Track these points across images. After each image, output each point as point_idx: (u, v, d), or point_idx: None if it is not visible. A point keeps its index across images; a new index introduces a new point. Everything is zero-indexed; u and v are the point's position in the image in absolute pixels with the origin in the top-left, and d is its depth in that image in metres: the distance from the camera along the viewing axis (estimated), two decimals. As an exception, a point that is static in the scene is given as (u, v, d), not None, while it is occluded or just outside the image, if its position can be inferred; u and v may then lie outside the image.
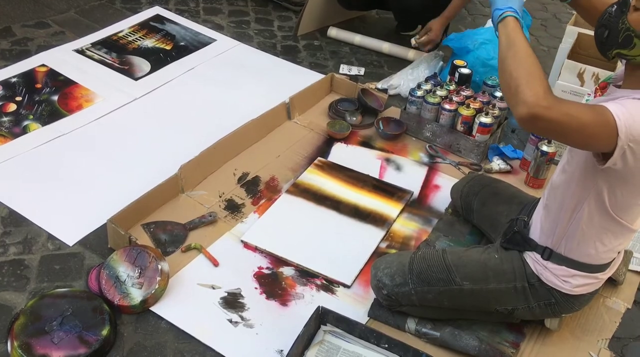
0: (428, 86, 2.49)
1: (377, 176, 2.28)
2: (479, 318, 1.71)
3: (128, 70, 2.76)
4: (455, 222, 2.08)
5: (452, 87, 2.49)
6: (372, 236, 2.01)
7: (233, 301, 1.75)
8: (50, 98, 2.52)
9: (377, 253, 1.95)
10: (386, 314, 1.72)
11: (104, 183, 2.13)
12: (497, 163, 2.37)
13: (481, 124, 2.32)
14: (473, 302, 1.65)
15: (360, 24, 3.37)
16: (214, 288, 1.78)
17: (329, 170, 2.28)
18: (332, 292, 1.82)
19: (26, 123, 2.37)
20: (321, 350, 1.61)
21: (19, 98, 2.50)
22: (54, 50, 2.82)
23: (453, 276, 1.62)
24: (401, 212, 2.12)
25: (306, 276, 1.86)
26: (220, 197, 2.11)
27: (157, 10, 3.27)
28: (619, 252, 1.60)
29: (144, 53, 2.89)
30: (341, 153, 2.40)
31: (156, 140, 2.35)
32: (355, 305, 1.78)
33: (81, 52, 2.84)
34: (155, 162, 2.22)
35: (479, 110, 2.36)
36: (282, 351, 1.62)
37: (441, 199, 2.19)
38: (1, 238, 1.89)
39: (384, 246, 1.99)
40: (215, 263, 1.85)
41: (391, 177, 2.29)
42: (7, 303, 1.70)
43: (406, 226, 2.08)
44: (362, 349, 1.62)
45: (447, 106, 2.37)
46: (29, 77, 2.64)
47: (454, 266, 1.64)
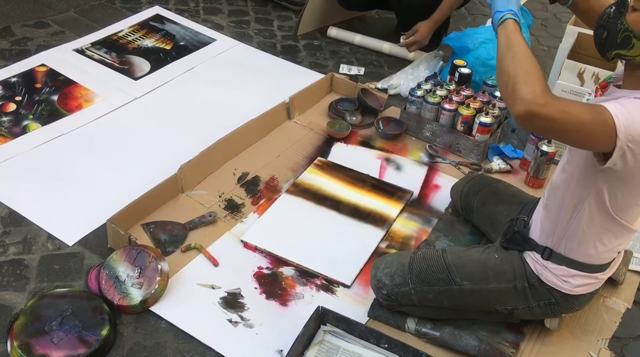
0: (428, 86, 2.49)
1: (377, 176, 2.28)
2: (478, 318, 1.71)
3: (128, 70, 2.75)
4: (455, 222, 2.08)
5: (452, 86, 2.49)
6: (372, 235, 2.01)
7: (233, 301, 1.75)
8: (50, 98, 2.52)
9: (377, 253, 1.94)
10: (386, 314, 1.72)
11: (103, 183, 2.13)
12: (497, 163, 2.36)
13: (481, 123, 2.32)
14: (473, 302, 1.65)
15: (360, 24, 3.37)
16: (213, 288, 1.78)
17: (328, 170, 2.28)
18: (332, 292, 1.82)
19: (26, 123, 2.37)
20: (321, 350, 1.61)
21: (18, 98, 2.50)
22: (53, 50, 2.82)
23: (453, 275, 1.62)
24: (401, 212, 2.12)
25: (306, 276, 1.86)
26: (220, 197, 2.11)
27: (157, 10, 3.27)
28: (619, 252, 1.59)
29: (143, 53, 2.89)
30: (341, 153, 2.40)
31: (156, 140, 2.35)
32: (355, 305, 1.78)
33: (81, 52, 2.84)
34: (155, 162, 2.22)
35: (479, 110, 2.36)
36: (282, 351, 1.62)
37: (441, 199, 2.19)
38: (1, 238, 1.89)
39: (383, 245, 1.99)
40: (215, 263, 1.85)
41: (391, 177, 2.29)
42: (6, 303, 1.70)
43: (406, 226, 2.08)
44: (362, 349, 1.62)
45: (447, 106, 2.37)
46: (28, 76, 2.64)
47: (453, 265, 1.64)
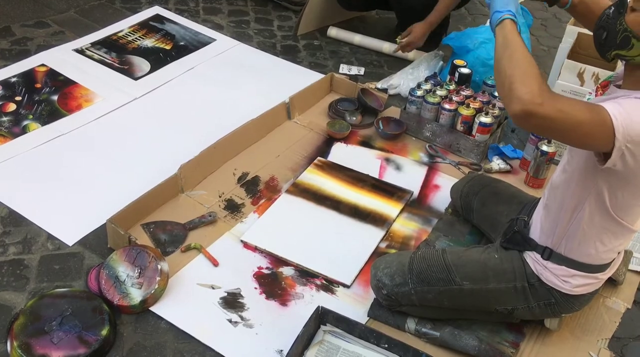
0: (428, 86, 2.49)
1: (376, 176, 2.28)
2: (478, 318, 1.71)
3: (128, 70, 2.75)
4: (455, 222, 2.08)
5: (452, 86, 2.49)
6: (372, 235, 2.01)
7: (233, 301, 1.75)
8: (50, 98, 2.52)
9: (377, 253, 1.94)
10: (386, 314, 1.72)
11: (103, 183, 2.13)
12: (497, 163, 2.36)
13: (481, 123, 2.32)
14: (473, 302, 1.65)
15: (360, 24, 3.36)
16: (213, 288, 1.78)
17: (328, 170, 2.28)
18: (332, 292, 1.82)
19: (26, 123, 2.37)
20: (321, 350, 1.61)
21: (18, 98, 2.50)
22: (53, 50, 2.82)
23: (453, 275, 1.62)
24: (401, 212, 2.12)
25: (306, 275, 1.86)
26: (220, 197, 2.11)
27: (156, 10, 3.27)
28: (619, 253, 1.59)
29: (143, 53, 2.88)
30: (341, 153, 2.40)
31: (156, 140, 2.35)
32: (355, 305, 1.78)
33: (81, 52, 2.84)
34: (155, 162, 2.22)
35: (478, 110, 2.36)
36: (281, 351, 1.62)
37: (441, 199, 2.19)
38: (1, 238, 1.89)
39: (383, 245, 1.99)
40: (215, 263, 1.85)
41: (391, 177, 2.29)
42: (6, 303, 1.70)
43: (406, 226, 2.08)
44: (361, 349, 1.62)
45: (447, 106, 2.37)
46: (28, 76, 2.64)
47: (453, 265, 1.63)
